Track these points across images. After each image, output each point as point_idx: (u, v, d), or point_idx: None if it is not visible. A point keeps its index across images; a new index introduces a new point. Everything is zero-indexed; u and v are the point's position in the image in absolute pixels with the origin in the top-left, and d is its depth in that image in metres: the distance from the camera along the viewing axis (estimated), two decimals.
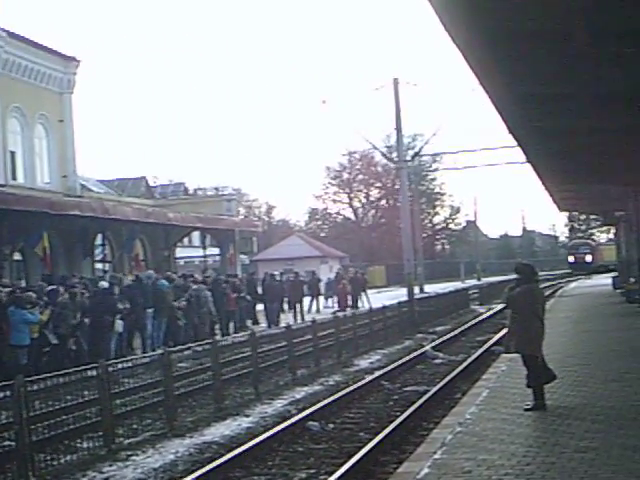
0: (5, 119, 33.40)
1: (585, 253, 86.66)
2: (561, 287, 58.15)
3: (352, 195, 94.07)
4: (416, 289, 42.10)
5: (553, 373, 11.59)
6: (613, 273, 72.52)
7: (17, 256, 29.50)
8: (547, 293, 39.62)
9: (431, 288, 55.52)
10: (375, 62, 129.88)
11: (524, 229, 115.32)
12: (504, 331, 24.96)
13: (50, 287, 21.99)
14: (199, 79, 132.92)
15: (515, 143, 23.59)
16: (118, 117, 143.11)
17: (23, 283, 22.71)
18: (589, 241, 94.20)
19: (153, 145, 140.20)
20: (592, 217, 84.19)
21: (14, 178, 33.97)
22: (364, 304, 39.91)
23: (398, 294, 43.04)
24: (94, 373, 13.08)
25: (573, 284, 61.91)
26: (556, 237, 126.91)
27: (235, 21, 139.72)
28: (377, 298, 41.91)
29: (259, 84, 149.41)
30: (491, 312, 37.84)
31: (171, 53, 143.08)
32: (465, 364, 19.49)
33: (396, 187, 72.49)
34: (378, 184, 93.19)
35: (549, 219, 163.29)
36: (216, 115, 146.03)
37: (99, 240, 33.74)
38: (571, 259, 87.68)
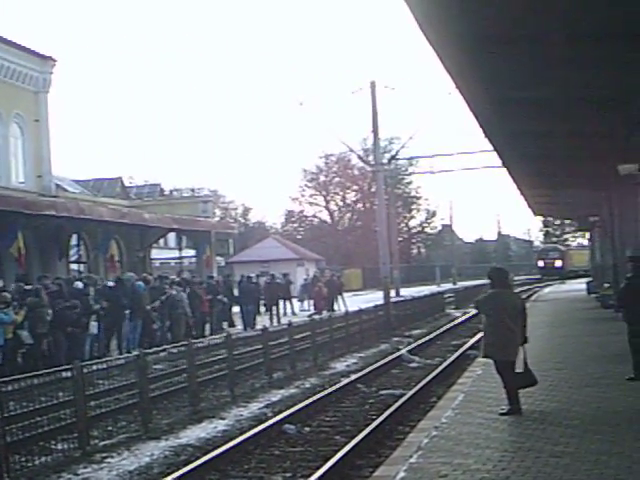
0: None
1: (555, 258, 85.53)
2: (536, 292, 58.42)
3: (328, 198, 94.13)
4: (392, 293, 42.16)
5: (534, 378, 11.57)
6: (584, 279, 72.86)
7: None
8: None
9: (407, 292, 55.62)
10: (352, 65, 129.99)
11: (499, 233, 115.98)
12: (479, 335, 25.18)
13: (27, 287, 21.84)
14: (176, 80, 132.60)
15: (491, 147, 23.74)
16: (94, 117, 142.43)
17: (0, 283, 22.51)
18: (559, 246, 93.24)
19: (129, 145, 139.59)
20: (567, 222, 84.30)
21: None
22: (340, 307, 39.90)
23: (374, 297, 43.12)
24: (69, 374, 13.00)
25: (548, 289, 62.25)
26: (531, 242, 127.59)
27: (214, 22, 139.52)
28: (353, 301, 41.93)
29: (237, 86, 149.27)
30: (466, 316, 38.00)
31: (148, 53, 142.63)
32: (441, 368, 19.56)
33: (372, 190, 72.63)
34: (354, 187, 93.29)
35: (524, 224, 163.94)
36: (193, 116, 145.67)
37: (74, 240, 33.52)
38: (540, 264, 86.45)
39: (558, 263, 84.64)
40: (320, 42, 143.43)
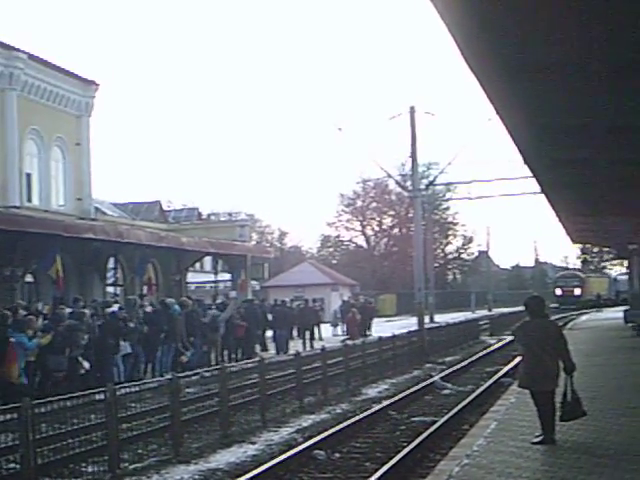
0: (22, 141, 33.63)
1: (574, 286, 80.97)
2: (572, 320, 57.81)
3: (365, 223, 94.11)
4: (426, 318, 41.97)
5: (583, 409, 11.37)
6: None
7: (29, 278, 29.56)
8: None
9: (441, 318, 55.35)
10: (392, 91, 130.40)
11: (536, 260, 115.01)
12: (514, 363, 24.99)
13: (54, 310, 22.06)
14: (217, 105, 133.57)
15: (530, 174, 23.61)
16: (135, 141, 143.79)
17: (40, 305, 22.79)
18: (578, 273, 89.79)
19: (168, 169, 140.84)
20: (605, 250, 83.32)
21: (29, 200, 34.15)
22: (372, 333, 39.80)
23: (408, 323, 42.96)
24: (101, 397, 13.06)
25: (584, 317, 61.57)
26: (573, 269, 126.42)
27: (253, 47, 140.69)
28: (387, 327, 41.79)
29: (276, 110, 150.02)
30: (501, 343, 37.70)
31: (190, 80, 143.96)
32: (474, 395, 19.39)
33: (409, 215, 72.49)
34: (391, 212, 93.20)
35: (562, 251, 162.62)
36: (232, 141, 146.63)
37: (111, 263, 33.79)
38: (558, 292, 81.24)
39: (577, 291, 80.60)
40: (360, 67, 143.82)
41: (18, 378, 18.48)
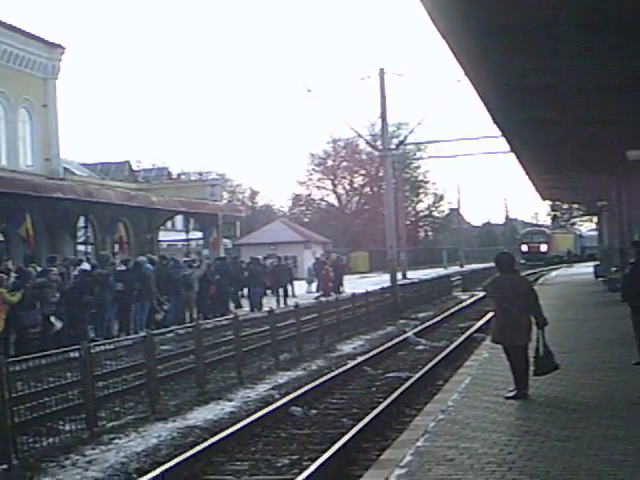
0: None
1: (540, 242, 79.34)
2: (542, 275, 58.36)
3: (336, 182, 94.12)
4: (399, 275, 42.18)
5: (555, 362, 11.50)
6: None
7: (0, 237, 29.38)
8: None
9: (414, 274, 55.63)
10: (361, 52, 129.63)
11: (507, 217, 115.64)
12: (486, 318, 25.21)
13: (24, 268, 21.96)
14: (186, 65, 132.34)
15: (500, 133, 23.69)
16: (102, 102, 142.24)
17: (10, 264, 22.62)
18: (544, 229, 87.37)
19: (137, 129, 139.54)
20: (575, 206, 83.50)
21: None
22: (345, 290, 39.92)
23: (381, 280, 43.15)
24: (76, 355, 13.02)
25: (555, 272, 62.15)
26: (539, 226, 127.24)
27: (222, 8, 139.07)
28: (360, 284, 41.96)
29: (246, 71, 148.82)
30: (473, 299, 38.00)
31: (158, 39, 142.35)
32: (447, 351, 19.56)
33: (380, 175, 72.55)
34: (362, 171, 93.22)
35: (532, 208, 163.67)
36: (201, 101, 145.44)
37: (82, 222, 33.59)
38: (524, 248, 78.93)
39: (543, 248, 79.06)
40: (330, 29, 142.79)
41: None
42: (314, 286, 42.94)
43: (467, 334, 23.12)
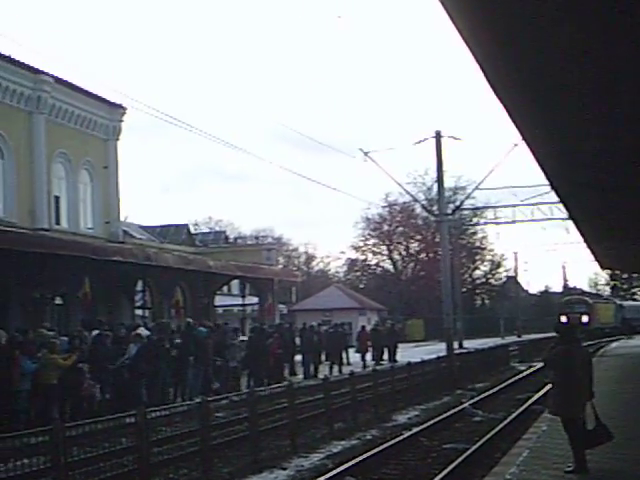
0: (50, 164, 33.90)
1: (581, 313, 71.07)
2: (602, 347, 57.23)
3: (392, 247, 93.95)
4: (455, 344, 41.71)
5: (610, 433, 11.22)
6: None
7: (58, 300, 29.73)
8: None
9: (470, 344, 55.02)
10: (418, 115, 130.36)
11: (565, 285, 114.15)
12: (545, 390, 24.73)
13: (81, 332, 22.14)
14: (239, 125, 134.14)
15: (558, 199, 23.50)
16: (162, 164, 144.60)
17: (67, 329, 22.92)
18: (586, 298, 79.60)
19: (196, 193, 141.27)
20: (635, 275, 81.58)
21: (58, 223, 34.34)
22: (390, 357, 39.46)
23: (437, 349, 42.69)
24: (132, 420, 13.05)
25: (615, 344, 60.92)
26: (599, 295, 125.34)
27: (285, 71, 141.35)
28: (415, 352, 41.54)
29: (303, 137, 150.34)
30: (531, 370, 37.39)
31: (214, 102, 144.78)
32: (505, 422, 19.21)
33: (436, 240, 72.38)
34: (418, 237, 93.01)
35: (592, 276, 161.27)
36: (256, 162, 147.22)
37: (139, 286, 33.92)
38: (563, 319, 68.98)
39: (585, 319, 71.30)
40: (386, 92, 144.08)
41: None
42: (369, 354, 42.62)
43: (525, 406, 22.69)
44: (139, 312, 34.84)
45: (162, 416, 14.32)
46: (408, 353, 41.63)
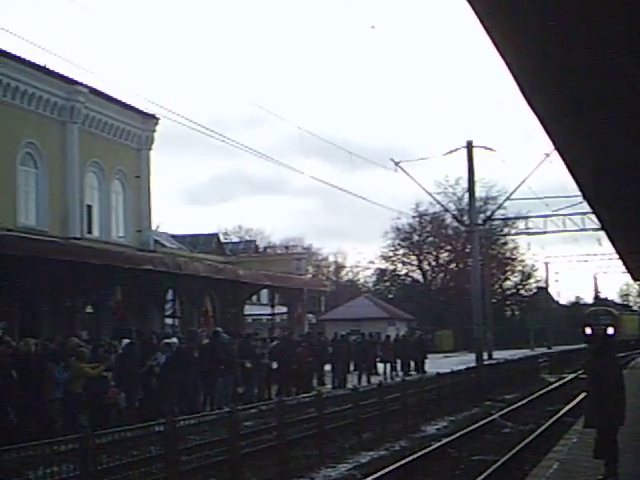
0: (84, 173, 34.22)
1: (606, 324, 67.02)
2: (633, 358, 56.68)
3: (421, 257, 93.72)
4: (485, 355, 41.49)
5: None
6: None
7: (89, 309, 29.95)
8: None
9: (500, 355, 54.72)
10: (450, 125, 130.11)
11: (596, 297, 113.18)
12: (575, 402, 24.56)
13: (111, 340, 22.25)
14: (271, 137, 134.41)
15: (590, 209, 23.34)
16: (192, 172, 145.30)
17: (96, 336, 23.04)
18: (611, 309, 76.37)
19: (226, 202, 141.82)
20: None
21: (89, 232, 34.63)
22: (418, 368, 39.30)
23: (466, 359, 42.50)
24: (161, 428, 13.09)
25: None
26: (629, 306, 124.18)
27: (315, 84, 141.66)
28: (445, 363, 41.37)
29: (332, 148, 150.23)
30: (561, 382, 37.11)
31: (243, 109, 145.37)
32: (535, 434, 19.08)
33: (466, 251, 72.10)
34: (448, 247, 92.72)
35: (623, 287, 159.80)
36: (285, 171, 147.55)
37: (170, 295, 34.08)
38: (588, 331, 67.63)
39: (610, 330, 66.02)
40: (418, 102, 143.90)
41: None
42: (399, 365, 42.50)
43: (555, 418, 22.53)
44: (169, 321, 35.00)
45: (191, 425, 14.34)
46: (437, 364, 41.47)
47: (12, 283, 24.20)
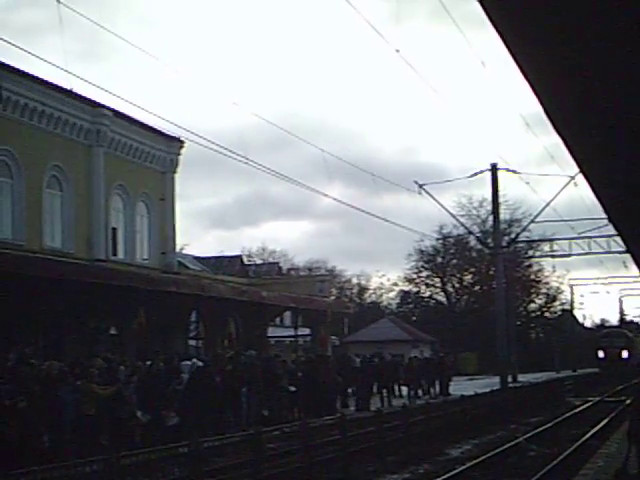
0: (109, 196, 34.43)
1: (621, 347, 65.62)
2: None
3: (445, 279, 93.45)
4: (509, 378, 41.24)
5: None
6: None
7: (113, 330, 30.04)
8: None
9: (525, 377, 54.34)
10: (473, 148, 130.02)
11: (621, 319, 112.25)
12: (600, 425, 24.35)
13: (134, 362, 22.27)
14: (296, 156, 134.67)
15: (616, 232, 23.22)
16: (216, 195, 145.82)
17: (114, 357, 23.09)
18: (625, 331, 74.29)
19: (249, 225, 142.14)
20: None
21: (115, 254, 34.80)
22: (437, 390, 39.06)
23: (490, 382, 42.25)
24: (185, 450, 13.11)
25: None
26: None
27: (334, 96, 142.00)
28: (469, 386, 41.09)
29: (355, 170, 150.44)
30: (587, 405, 36.81)
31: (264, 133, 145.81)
32: (560, 458, 18.92)
33: (490, 273, 71.85)
34: (472, 269, 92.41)
35: None
36: (310, 194, 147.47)
37: (193, 317, 34.15)
38: (601, 354, 65.93)
39: (624, 354, 65.33)
40: (441, 125, 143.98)
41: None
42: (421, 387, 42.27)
43: (580, 441, 22.34)
44: (192, 342, 35.04)
45: (215, 446, 14.36)
46: (461, 386, 41.24)
47: (37, 305, 24.34)
